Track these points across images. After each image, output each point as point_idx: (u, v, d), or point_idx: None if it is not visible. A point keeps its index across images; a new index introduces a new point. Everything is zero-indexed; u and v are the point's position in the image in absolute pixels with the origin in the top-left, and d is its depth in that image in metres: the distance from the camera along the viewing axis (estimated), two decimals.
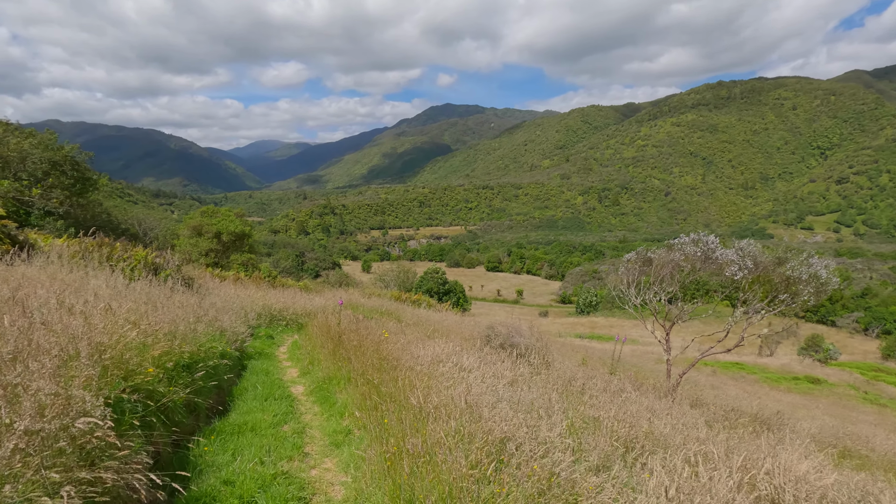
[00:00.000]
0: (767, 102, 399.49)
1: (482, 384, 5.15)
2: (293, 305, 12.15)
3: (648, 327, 10.04)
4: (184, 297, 7.49)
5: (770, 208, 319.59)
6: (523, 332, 8.17)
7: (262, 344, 8.88)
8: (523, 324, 8.64)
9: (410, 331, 10.65)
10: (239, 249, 25.63)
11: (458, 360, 6.30)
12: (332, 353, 6.60)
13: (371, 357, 6.09)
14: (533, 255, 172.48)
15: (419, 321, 13.83)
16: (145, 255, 10.07)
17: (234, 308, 9.71)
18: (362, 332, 7.68)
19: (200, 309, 7.07)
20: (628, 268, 9.35)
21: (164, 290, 7.82)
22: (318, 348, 7.35)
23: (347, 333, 7.38)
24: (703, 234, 9.29)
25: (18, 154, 31.50)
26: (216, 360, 5.58)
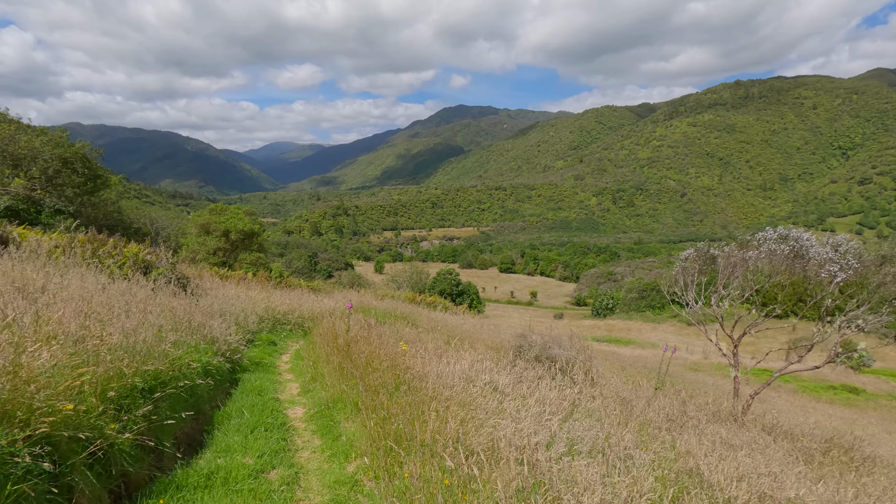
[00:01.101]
0: (787, 102, 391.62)
1: (525, 413, 3.99)
2: (300, 308, 11.09)
3: (712, 338, 8.69)
4: (168, 298, 6.44)
5: (789, 210, 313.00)
6: (562, 343, 7.00)
7: (262, 352, 7.82)
8: (562, 333, 7.46)
9: (427, 337, 9.50)
10: (248, 248, 24.75)
11: (491, 379, 5.14)
12: (337, 369, 5.50)
13: (385, 374, 4.97)
14: (547, 257, 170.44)
15: (436, 325, 12.69)
16: (136, 251, 9.08)
17: (233, 311, 8.66)
18: (374, 340, 6.56)
19: (185, 313, 6.01)
20: (685, 267, 8.09)
21: (146, 290, 6.78)
22: (322, 362, 6.26)
23: (357, 343, 6.27)
24: (794, 230, 7.98)
25: (29, 152, 31.13)
26: (195, 378, 4.50)
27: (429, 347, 6.63)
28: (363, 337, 6.94)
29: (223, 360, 5.83)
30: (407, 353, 5.92)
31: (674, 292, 8.54)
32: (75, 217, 33.21)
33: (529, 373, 6.03)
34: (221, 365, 5.69)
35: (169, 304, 6.11)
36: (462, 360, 5.89)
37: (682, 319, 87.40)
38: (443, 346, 7.60)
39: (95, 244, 9.51)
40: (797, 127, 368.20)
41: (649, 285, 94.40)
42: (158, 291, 7.81)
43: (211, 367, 5.24)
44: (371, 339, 6.68)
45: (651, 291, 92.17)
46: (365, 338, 6.92)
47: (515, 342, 7.26)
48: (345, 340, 6.34)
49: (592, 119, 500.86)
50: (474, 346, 8.35)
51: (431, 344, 7.37)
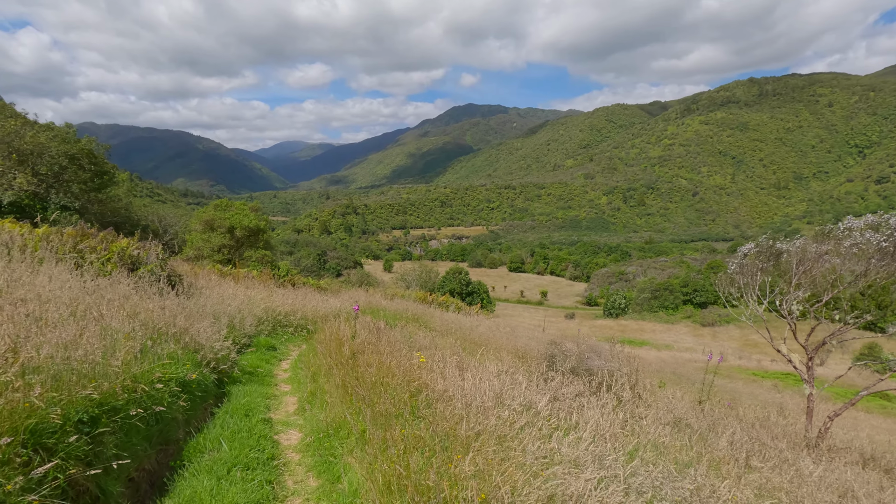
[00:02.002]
0: (802, 99, 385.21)
1: (583, 450, 3.05)
2: (303, 308, 10.22)
3: (782, 349, 7.59)
4: (145, 299, 5.58)
5: (804, 209, 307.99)
6: (602, 353, 6.05)
7: (258, 359, 6.95)
8: (601, 342, 6.49)
9: (443, 342, 8.58)
10: (253, 245, 24.00)
11: (527, 399, 4.21)
12: (341, 387, 4.59)
13: (398, 394, 4.07)
14: (557, 256, 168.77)
15: (449, 328, 11.77)
16: (123, 246, 8.25)
17: (229, 312, 7.80)
18: (384, 349, 5.65)
19: (165, 316, 5.15)
20: (745, 265, 7.05)
21: (124, 289, 5.92)
22: (323, 374, 5.35)
23: (364, 352, 5.37)
24: (889, 215, 6.90)
25: (35, 147, 30.71)
26: (164, 398, 3.63)
27: (448, 357, 5.70)
28: (371, 344, 6.03)
29: (208, 372, 4.95)
30: (423, 366, 5.00)
31: (729, 293, 7.49)
32: (81, 213, 32.77)
33: (567, 389, 5.08)
34: (205, 378, 4.82)
35: (145, 305, 5.24)
36: (488, 373, 4.96)
37: (696, 320, 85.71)
38: (462, 354, 6.66)
39: (79, 238, 8.70)
40: (812, 125, 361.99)
41: (662, 285, 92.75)
42: (142, 290, 6.96)
43: (190, 381, 4.37)
44: (381, 348, 5.77)
45: (664, 291, 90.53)
46: (373, 345, 6.01)
47: (547, 351, 6.32)
48: (350, 349, 5.44)
49: (603, 117, 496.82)
50: (498, 354, 7.40)
51: (449, 351, 6.44)
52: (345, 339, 5.92)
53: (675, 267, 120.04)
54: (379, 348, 6.00)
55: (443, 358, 5.69)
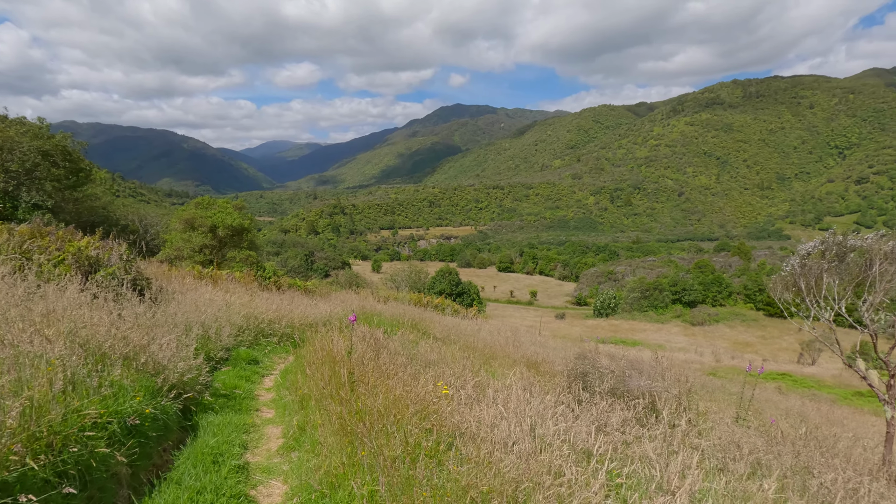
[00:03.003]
0: (784, 101, 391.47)
1: None
2: (290, 314, 9.20)
3: (860, 367, 6.67)
4: (90, 310, 4.55)
5: (787, 209, 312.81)
6: (644, 369, 5.14)
7: (237, 377, 5.94)
8: (640, 356, 5.57)
9: (449, 351, 7.64)
10: (237, 246, 22.81)
11: (569, 437, 3.29)
12: (337, 423, 3.60)
13: (412, 433, 3.13)
14: (546, 256, 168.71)
15: (450, 334, 10.84)
16: (80, 246, 7.17)
17: (204, 321, 6.77)
18: (387, 368, 4.69)
19: (114, 332, 4.13)
20: (807, 266, 6.21)
21: (72, 297, 4.89)
22: (315, 404, 4.33)
23: (365, 374, 4.41)
24: None
25: (4, 143, 29.12)
26: (93, 451, 2.63)
27: (467, 377, 4.75)
28: (370, 359, 5.07)
29: (170, 401, 3.95)
30: (441, 394, 4.05)
31: (785, 299, 6.64)
32: (55, 213, 31.18)
33: (608, 414, 4.18)
34: (165, 410, 3.82)
35: (93, 318, 4.22)
36: (516, 397, 4.03)
37: (686, 319, 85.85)
38: (480, 372, 5.72)
39: (28, 237, 7.60)
40: (794, 126, 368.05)
41: (652, 285, 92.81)
42: (98, 298, 5.91)
43: (143, 417, 3.38)
44: (383, 366, 4.81)
45: (654, 291, 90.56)
46: (373, 361, 5.05)
47: (576, 367, 5.41)
48: (347, 371, 4.46)
49: (590, 118, 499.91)
50: (512, 366, 6.46)
51: (461, 365, 5.50)
52: (339, 356, 4.96)
53: (664, 266, 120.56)
54: (380, 366, 5.03)
55: (460, 378, 4.74)
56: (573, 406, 4.41)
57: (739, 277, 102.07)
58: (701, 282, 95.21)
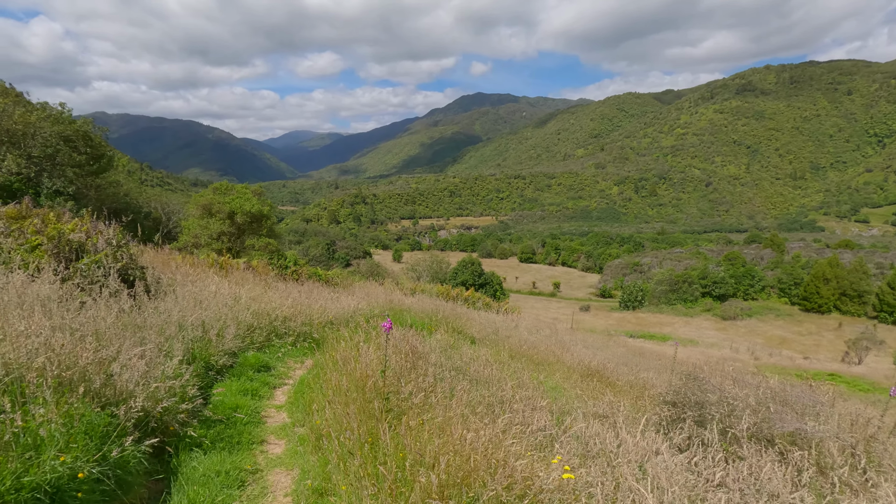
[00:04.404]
0: (820, 87, 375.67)
1: None
2: (308, 309, 8.01)
3: None
4: (53, 311, 3.38)
5: (821, 199, 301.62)
6: (795, 402, 3.72)
7: (240, 390, 4.75)
8: (783, 383, 4.19)
9: (486, 354, 6.35)
10: (256, 233, 21.87)
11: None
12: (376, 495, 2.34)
13: None
14: (569, 247, 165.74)
15: (487, 333, 9.54)
16: (59, 229, 6.06)
17: (202, 320, 5.61)
18: (429, 387, 3.42)
19: (53, 348, 2.94)
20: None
21: (36, 291, 3.72)
22: (337, 460, 3.03)
23: (405, 403, 3.16)
24: None
25: (25, 127, 28.76)
26: None
27: (534, 398, 3.43)
28: (412, 379, 3.81)
29: (131, 445, 2.75)
30: (508, 429, 2.76)
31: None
32: (76, 199, 30.81)
33: (755, 479, 2.82)
34: (123, 459, 2.63)
35: (29, 325, 3.03)
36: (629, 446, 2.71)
37: (716, 313, 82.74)
38: (535, 384, 4.40)
39: (7, 220, 6.54)
40: (830, 113, 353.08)
41: (680, 277, 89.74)
42: (71, 292, 4.78)
43: (75, 484, 2.19)
44: (426, 386, 3.54)
45: (683, 283, 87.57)
46: (413, 380, 3.79)
47: (687, 393, 4.04)
48: (382, 401, 3.20)
49: (614, 106, 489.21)
50: (572, 374, 5.12)
51: (527, 391, 4.17)
52: (369, 375, 3.72)
53: (692, 258, 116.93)
54: (422, 386, 3.75)
55: (532, 406, 3.43)
56: (694, 455, 3.06)
57: (773, 270, 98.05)
58: (732, 274, 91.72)
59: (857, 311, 78.26)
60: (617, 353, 12.43)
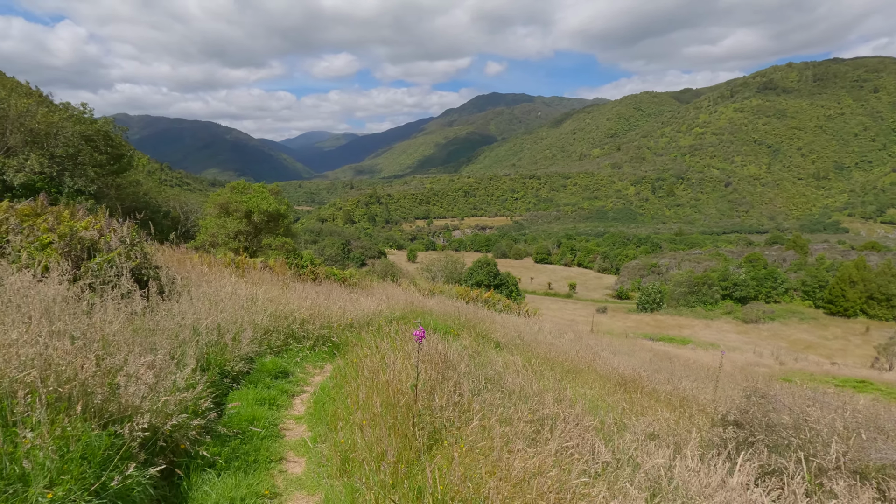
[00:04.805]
0: (844, 85, 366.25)
1: None
2: (328, 310, 7.70)
3: None
4: (57, 315, 3.08)
5: (845, 200, 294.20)
6: (888, 426, 3.26)
7: (256, 401, 4.41)
8: (876, 405, 3.71)
9: (514, 360, 5.95)
10: (273, 232, 21.74)
11: None
12: None
13: None
14: (584, 247, 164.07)
15: (511, 337, 9.15)
16: (71, 226, 5.83)
17: (218, 323, 5.32)
18: (466, 404, 3.04)
19: (50, 360, 2.63)
20: None
21: (47, 292, 3.44)
22: (369, 491, 2.71)
23: (441, 423, 2.81)
24: None
25: (47, 128, 29.12)
26: None
27: (581, 419, 3.04)
28: (444, 393, 3.44)
29: (138, 467, 2.43)
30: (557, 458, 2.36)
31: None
32: (97, 198, 31.11)
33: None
34: (125, 488, 2.30)
35: (19, 336, 2.72)
36: None
37: (737, 316, 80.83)
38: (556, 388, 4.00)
39: (20, 217, 6.33)
40: (855, 112, 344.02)
41: (700, 279, 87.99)
42: (81, 293, 4.51)
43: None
44: (462, 402, 3.17)
45: (702, 285, 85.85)
46: (444, 394, 3.42)
47: (757, 415, 3.58)
48: (415, 420, 2.84)
49: (631, 106, 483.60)
50: (606, 384, 4.71)
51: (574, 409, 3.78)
52: (397, 390, 3.36)
53: (711, 260, 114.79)
54: (456, 401, 3.37)
55: (579, 426, 3.03)
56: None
57: (796, 272, 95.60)
58: (753, 276, 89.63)
59: (886, 315, 75.85)
60: (644, 358, 11.93)
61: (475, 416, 3.27)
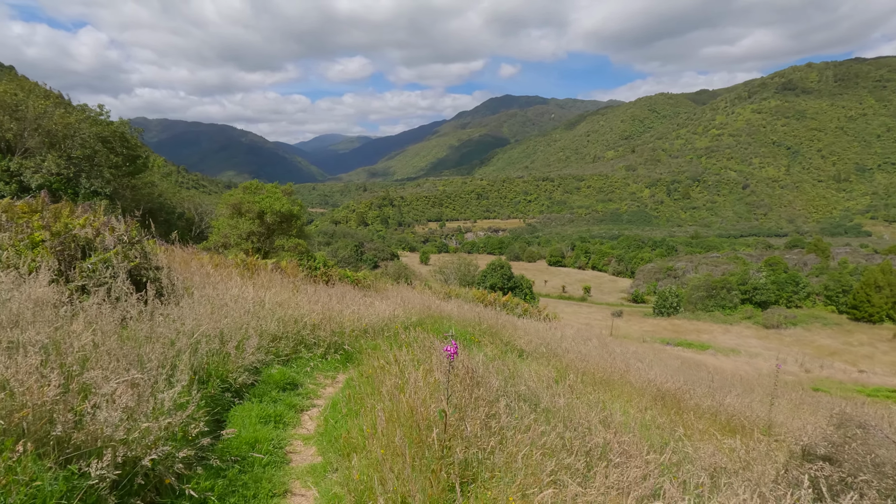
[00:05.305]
0: (866, 85, 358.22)
1: None
2: (340, 315, 7.20)
3: None
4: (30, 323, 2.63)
5: (867, 203, 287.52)
6: None
7: (259, 419, 3.92)
8: None
9: (549, 372, 5.39)
10: (286, 233, 21.40)
11: None
12: None
13: None
14: (599, 250, 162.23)
15: (532, 342, 8.58)
16: (66, 223, 5.41)
17: (220, 329, 4.85)
18: (513, 451, 2.51)
19: None
20: None
21: (37, 293, 2.99)
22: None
23: (475, 460, 2.29)
24: None
25: (64, 129, 29.27)
26: None
27: (637, 445, 2.49)
28: (477, 418, 2.92)
29: None
30: None
31: None
32: (112, 199, 31.16)
33: None
34: None
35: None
36: None
37: (757, 321, 78.85)
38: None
39: (16, 214, 5.95)
40: (878, 112, 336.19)
41: (718, 283, 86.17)
42: (69, 296, 4.07)
43: None
44: (501, 439, 2.64)
45: (721, 289, 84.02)
46: (482, 421, 2.89)
47: (857, 450, 3.01)
48: (437, 458, 2.32)
49: (645, 107, 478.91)
50: (643, 397, 4.14)
51: None
52: (423, 409, 2.84)
53: (729, 263, 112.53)
54: (489, 424, 2.83)
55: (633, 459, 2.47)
56: None
57: (818, 277, 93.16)
58: (774, 281, 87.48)
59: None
60: (673, 366, 11.26)
61: (514, 445, 2.74)
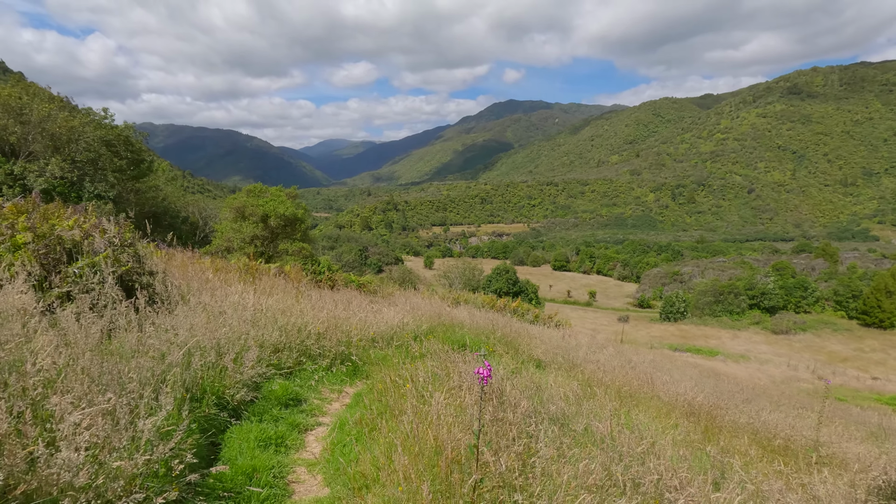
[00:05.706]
0: (873, 89, 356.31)
1: None
2: (346, 322, 6.76)
3: None
4: None
5: (875, 207, 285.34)
6: None
7: (258, 443, 3.50)
8: None
9: (575, 386, 4.93)
10: (290, 237, 21.06)
11: None
12: None
13: None
14: (604, 255, 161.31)
15: (549, 351, 8.12)
16: (52, 225, 5.02)
17: (217, 341, 4.44)
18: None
19: None
20: None
21: None
22: None
23: None
24: None
25: (68, 132, 29.09)
26: None
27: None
28: (504, 447, 2.49)
29: None
30: None
31: None
32: (116, 203, 30.93)
33: None
34: None
35: None
36: None
37: (766, 326, 77.85)
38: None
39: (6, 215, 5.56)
40: (885, 116, 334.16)
41: (726, 287, 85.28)
42: (55, 306, 3.67)
43: None
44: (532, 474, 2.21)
45: (728, 294, 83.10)
46: (514, 451, 2.46)
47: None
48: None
49: (650, 112, 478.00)
50: (672, 415, 3.69)
51: None
52: (447, 437, 2.42)
53: (736, 268, 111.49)
54: (520, 453, 2.40)
55: None
56: None
57: (827, 282, 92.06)
58: (782, 286, 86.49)
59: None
60: (691, 375, 10.77)
61: (553, 478, 2.30)
